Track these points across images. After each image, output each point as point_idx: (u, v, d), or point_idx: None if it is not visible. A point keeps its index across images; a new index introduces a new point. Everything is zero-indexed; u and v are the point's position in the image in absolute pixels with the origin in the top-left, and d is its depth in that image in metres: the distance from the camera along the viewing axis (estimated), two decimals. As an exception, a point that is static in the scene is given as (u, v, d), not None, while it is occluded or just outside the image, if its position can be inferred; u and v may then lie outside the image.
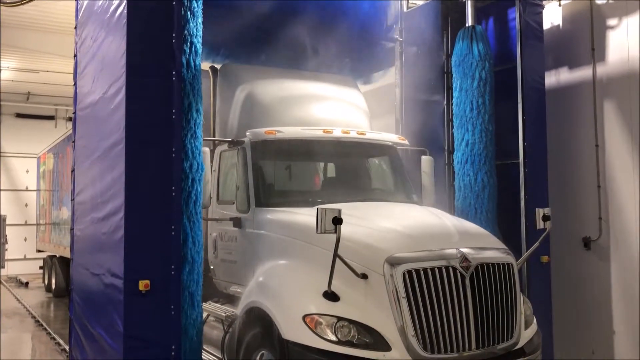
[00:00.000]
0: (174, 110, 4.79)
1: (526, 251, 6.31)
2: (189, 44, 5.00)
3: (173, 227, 4.73)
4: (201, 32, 5.15)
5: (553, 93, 7.79)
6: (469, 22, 7.15)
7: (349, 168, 6.63)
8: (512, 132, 6.77)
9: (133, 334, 4.56)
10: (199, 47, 5.11)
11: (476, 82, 6.85)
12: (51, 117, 20.85)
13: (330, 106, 6.61)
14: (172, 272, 4.69)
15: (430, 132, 7.58)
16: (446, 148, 7.62)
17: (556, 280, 7.57)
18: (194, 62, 5.03)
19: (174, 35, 4.84)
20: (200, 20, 5.14)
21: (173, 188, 4.76)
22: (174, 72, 4.81)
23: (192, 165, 4.96)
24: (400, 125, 7.85)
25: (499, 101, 7.01)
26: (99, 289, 5.26)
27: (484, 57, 6.91)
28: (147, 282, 4.57)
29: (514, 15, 6.78)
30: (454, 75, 7.19)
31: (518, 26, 6.68)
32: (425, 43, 7.81)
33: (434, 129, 7.65)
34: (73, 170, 6.48)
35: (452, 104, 7.28)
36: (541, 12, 6.97)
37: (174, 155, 4.77)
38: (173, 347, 4.63)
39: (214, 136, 6.47)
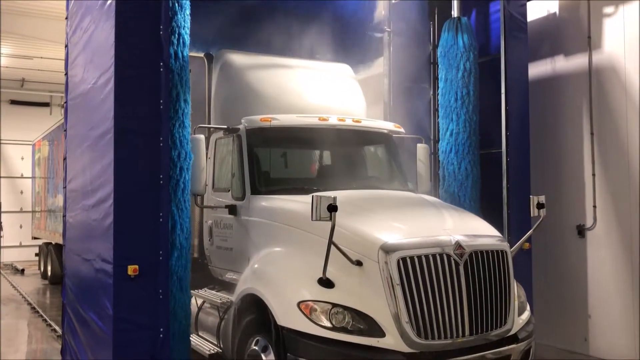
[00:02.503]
0: (161, 101, 4.91)
1: (508, 239, 6.48)
2: (177, 35, 5.10)
3: (161, 214, 4.86)
4: (189, 24, 5.25)
5: (548, 81, 7.85)
6: (455, 13, 7.27)
7: (345, 156, 6.62)
8: (496, 122, 6.87)
9: (122, 317, 4.70)
10: (187, 38, 5.22)
11: (461, 72, 6.98)
12: (46, 104, 20.79)
13: (323, 91, 6.60)
14: (160, 258, 4.83)
15: (417, 121, 7.67)
16: (432, 137, 7.74)
17: (550, 268, 7.66)
18: (182, 53, 5.14)
19: (161, 27, 4.93)
20: (188, 12, 5.24)
21: (161, 176, 4.88)
22: (161, 63, 4.91)
23: (180, 154, 5.08)
24: (388, 116, 7.96)
25: (483, 92, 7.13)
26: (90, 274, 5.40)
27: (469, 49, 7.03)
28: (136, 267, 4.70)
29: (499, 7, 6.89)
30: (439, 66, 7.31)
31: (502, 18, 6.79)
32: (413, 34, 7.90)
33: (420, 119, 7.75)
34: (65, 159, 6.61)
35: (438, 94, 7.41)
36: (525, 5, 7.06)
37: (162, 144, 4.89)
38: (161, 329, 4.78)
39: (209, 124, 6.46)
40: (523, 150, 6.95)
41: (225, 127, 6.01)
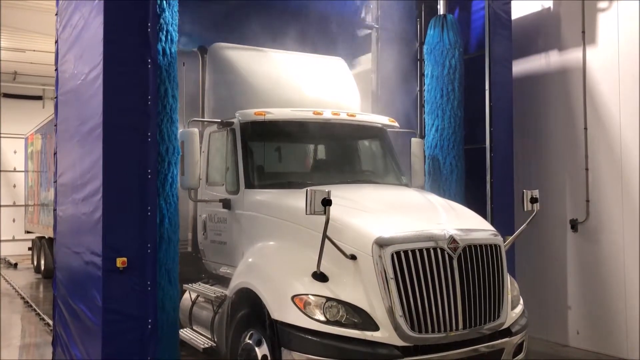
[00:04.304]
0: (149, 97, 4.98)
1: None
2: (164, 32, 5.17)
3: (149, 207, 4.94)
4: (177, 21, 5.33)
5: (542, 76, 7.91)
6: (441, 10, 7.38)
7: (339, 150, 6.61)
8: (480, 118, 6.99)
9: (111, 308, 4.80)
10: (175, 35, 5.29)
11: (446, 69, 7.09)
12: (39, 97, 20.68)
13: (318, 85, 6.59)
14: (149, 251, 4.92)
15: (404, 117, 7.77)
16: (418, 133, 7.85)
17: (543, 262, 7.73)
18: (170, 49, 5.21)
19: (149, 24, 5.01)
20: (176, 9, 5.31)
21: (149, 171, 4.96)
22: (149, 60, 4.99)
23: (168, 148, 5.15)
24: (376, 111, 8.05)
25: (468, 88, 7.23)
26: (80, 267, 5.50)
27: (454, 45, 7.15)
28: (124, 259, 4.80)
29: (482, 5, 6.99)
30: (425, 63, 7.42)
31: (487, 16, 6.90)
32: (400, 31, 8.00)
33: (407, 115, 7.84)
34: (55, 153, 6.69)
35: (424, 90, 7.52)
36: (509, 3, 7.17)
37: (149, 139, 4.97)
38: (150, 320, 4.88)
39: (203, 117, 6.43)
40: (507, 145, 7.07)
41: (219, 120, 5.97)
